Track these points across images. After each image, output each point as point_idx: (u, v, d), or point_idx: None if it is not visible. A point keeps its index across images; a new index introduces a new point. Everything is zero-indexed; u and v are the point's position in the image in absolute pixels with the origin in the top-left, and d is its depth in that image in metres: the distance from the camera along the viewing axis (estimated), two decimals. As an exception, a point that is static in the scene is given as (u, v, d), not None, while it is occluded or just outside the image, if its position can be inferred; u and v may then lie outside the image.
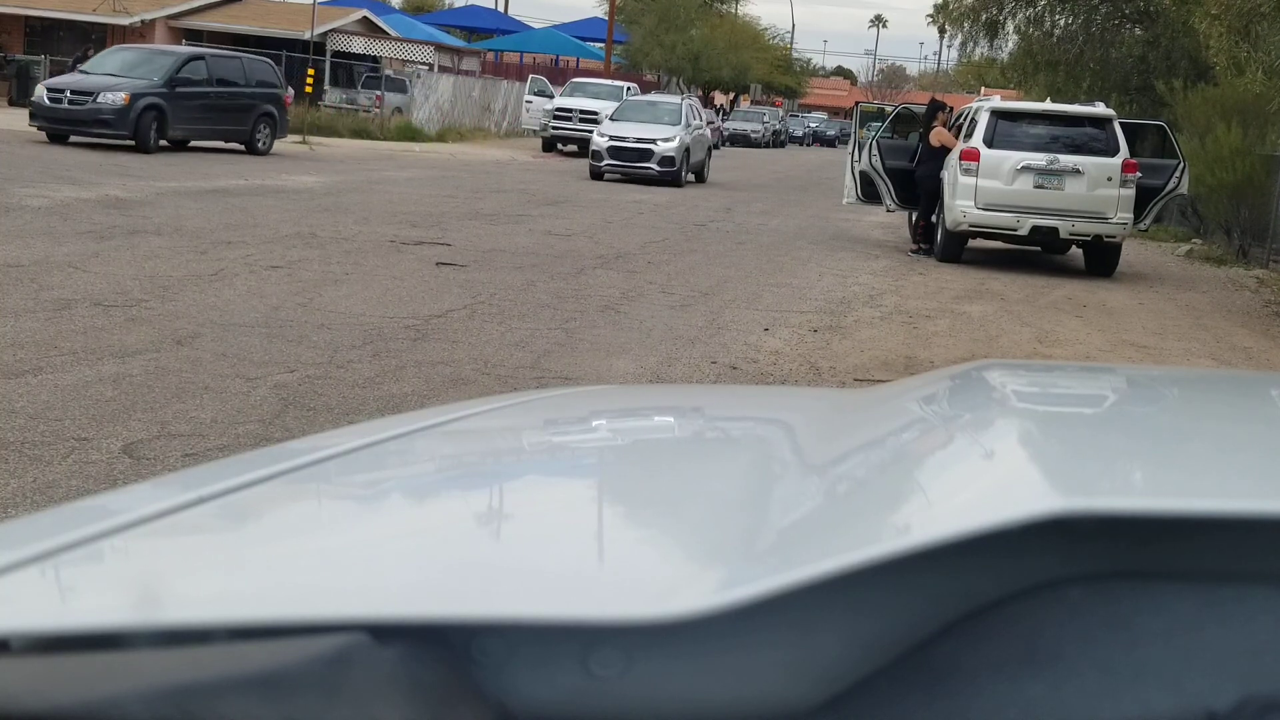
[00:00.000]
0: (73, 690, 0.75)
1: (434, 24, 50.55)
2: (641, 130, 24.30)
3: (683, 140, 24.40)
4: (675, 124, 24.80)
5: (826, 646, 0.84)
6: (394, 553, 1.05)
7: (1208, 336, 10.96)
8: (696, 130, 25.66)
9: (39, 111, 20.65)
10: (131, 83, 20.39)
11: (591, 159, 24.29)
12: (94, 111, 20.14)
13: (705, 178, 26.46)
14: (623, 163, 23.91)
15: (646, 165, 23.84)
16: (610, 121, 25.15)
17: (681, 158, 24.15)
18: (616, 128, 24.56)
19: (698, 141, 25.73)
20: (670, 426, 1.71)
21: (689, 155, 24.69)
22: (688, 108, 26.03)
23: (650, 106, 26.17)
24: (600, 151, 24.13)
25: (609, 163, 23.91)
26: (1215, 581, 0.89)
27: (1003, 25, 28.59)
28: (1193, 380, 2.13)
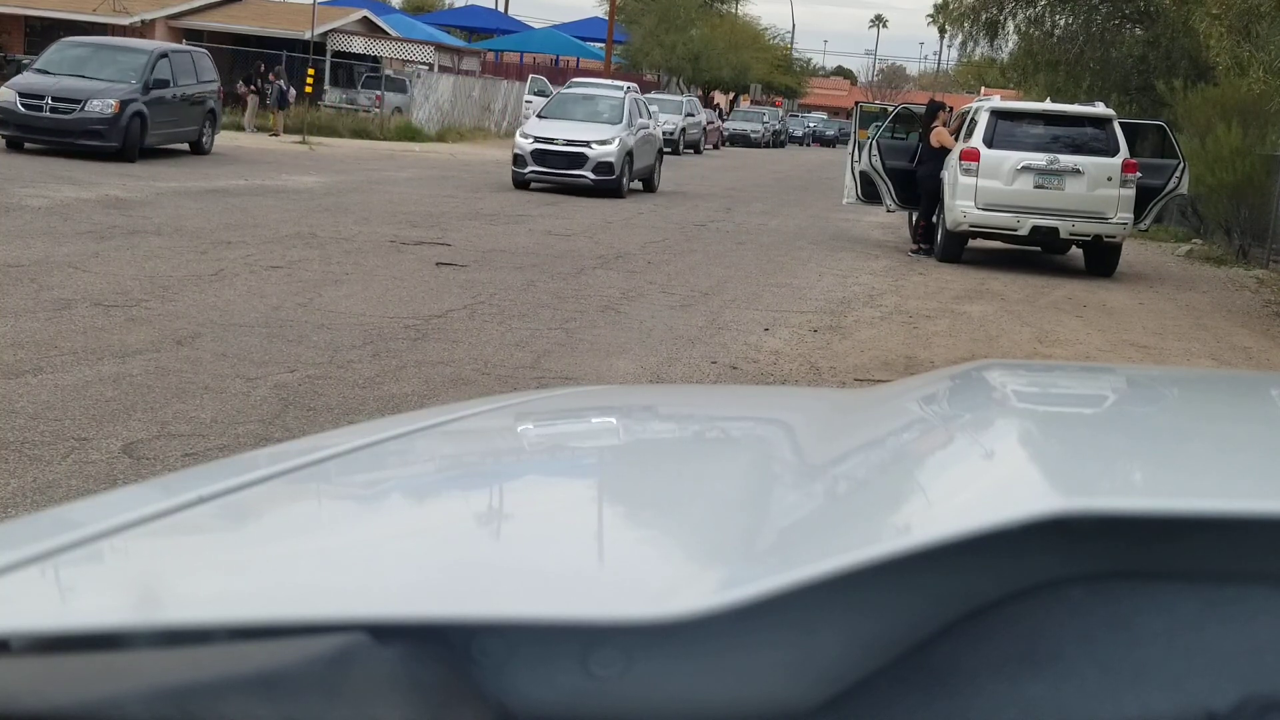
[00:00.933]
0: (73, 690, 0.75)
1: (434, 24, 50.54)
2: (574, 130, 20.29)
3: (624, 142, 20.41)
4: (616, 122, 20.80)
5: (826, 646, 0.84)
6: (394, 553, 1.05)
7: (1208, 336, 10.96)
8: (642, 130, 21.65)
9: (10, 119, 18.48)
10: (111, 86, 18.75)
11: (514, 165, 20.30)
12: (82, 121, 18.35)
13: (655, 185, 22.40)
14: (551, 170, 19.95)
15: (579, 173, 19.88)
16: (538, 120, 21.34)
17: (623, 163, 20.16)
18: (544, 127, 20.62)
19: (644, 143, 21.66)
20: (670, 426, 1.70)
21: (632, 160, 20.67)
22: (632, 102, 21.93)
23: (586, 101, 22.05)
24: (523, 156, 20.11)
25: (534, 170, 19.99)
26: (1215, 581, 0.89)
27: (1003, 25, 28.60)
28: (1193, 380, 2.13)
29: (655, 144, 22.60)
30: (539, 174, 20.06)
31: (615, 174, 20.03)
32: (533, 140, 20.26)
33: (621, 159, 20.19)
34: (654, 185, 22.34)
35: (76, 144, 18.27)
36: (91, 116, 18.35)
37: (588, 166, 19.94)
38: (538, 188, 20.14)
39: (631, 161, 20.71)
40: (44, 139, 18.54)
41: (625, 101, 21.67)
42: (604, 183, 19.93)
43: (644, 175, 21.86)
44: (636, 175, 21.30)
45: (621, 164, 20.17)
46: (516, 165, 20.25)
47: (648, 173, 22.04)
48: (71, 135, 18.32)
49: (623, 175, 20.22)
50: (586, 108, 21.63)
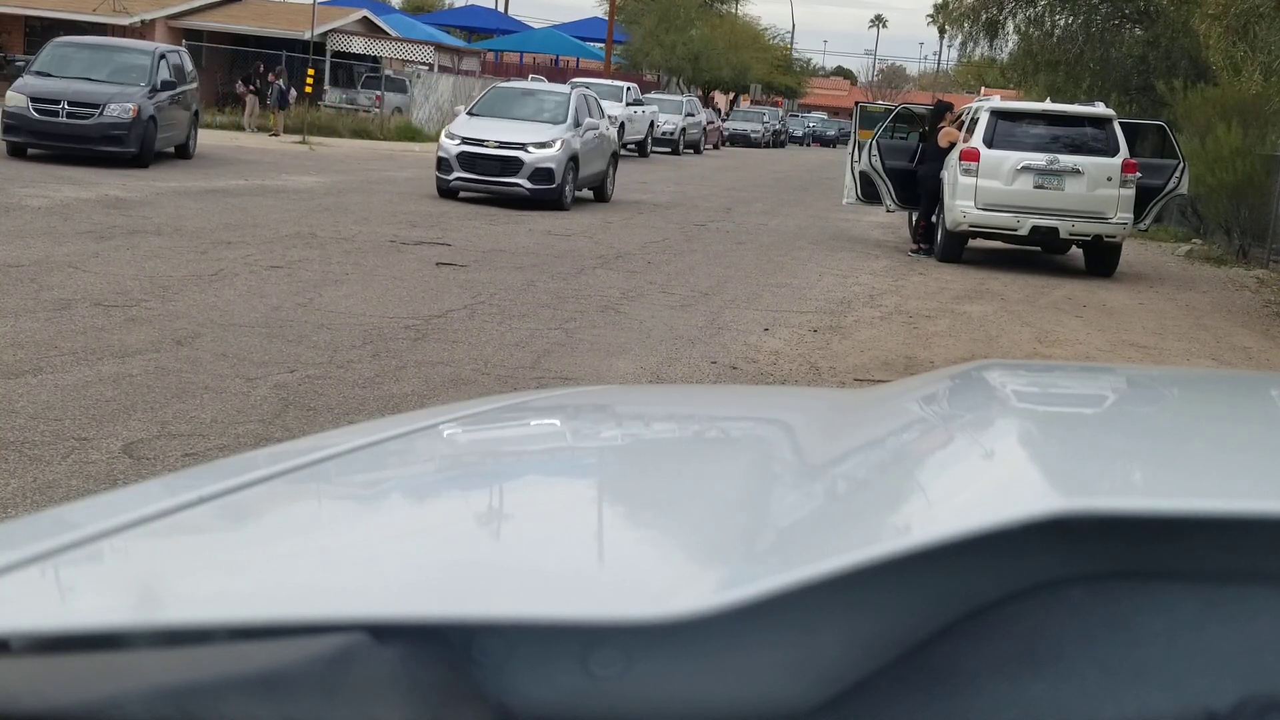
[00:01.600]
0: (73, 690, 0.75)
1: (434, 24, 50.54)
2: (509, 131, 17.45)
3: (568, 145, 17.53)
4: (558, 122, 17.97)
5: (826, 646, 0.84)
6: (394, 553, 1.05)
7: (1208, 336, 10.96)
8: (590, 131, 18.69)
9: (23, 125, 17.56)
10: (124, 89, 18.04)
11: (438, 170, 17.45)
12: (102, 126, 17.53)
13: (608, 195, 19.50)
14: (480, 177, 17.10)
15: (513, 180, 17.01)
16: (468, 117, 18.31)
17: (565, 169, 17.35)
18: (474, 126, 17.69)
19: (593, 146, 18.74)
20: (670, 426, 1.70)
21: (577, 165, 17.82)
22: (579, 99, 18.92)
23: (526, 98, 18.99)
24: (448, 160, 17.20)
25: (460, 177, 17.12)
26: (1215, 581, 0.89)
27: (1003, 25, 28.61)
28: (1193, 380, 2.13)
29: (608, 147, 19.72)
30: (466, 181, 17.19)
31: (556, 182, 17.16)
32: (459, 142, 17.28)
33: (564, 164, 17.33)
34: (606, 194, 19.49)
35: (96, 150, 17.53)
36: (110, 121, 17.62)
37: (523, 173, 17.04)
38: (468, 198, 17.31)
39: (576, 167, 17.82)
40: (61, 145, 17.59)
41: (571, 99, 18.67)
42: (542, 192, 17.05)
43: (593, 183, 19.02)
44: (584, 183, 18.48)
45: (564, 170, 17.33)
46: (440, 171, 17.41)
47: (598, 180, 19.16)
48: (91, 141, 17.56)
49: (565, 183, 17.39)
50: (525, 105, 18.62)
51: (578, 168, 17.90)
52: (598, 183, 19.29)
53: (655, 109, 35.30)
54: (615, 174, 20.18)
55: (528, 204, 17.04)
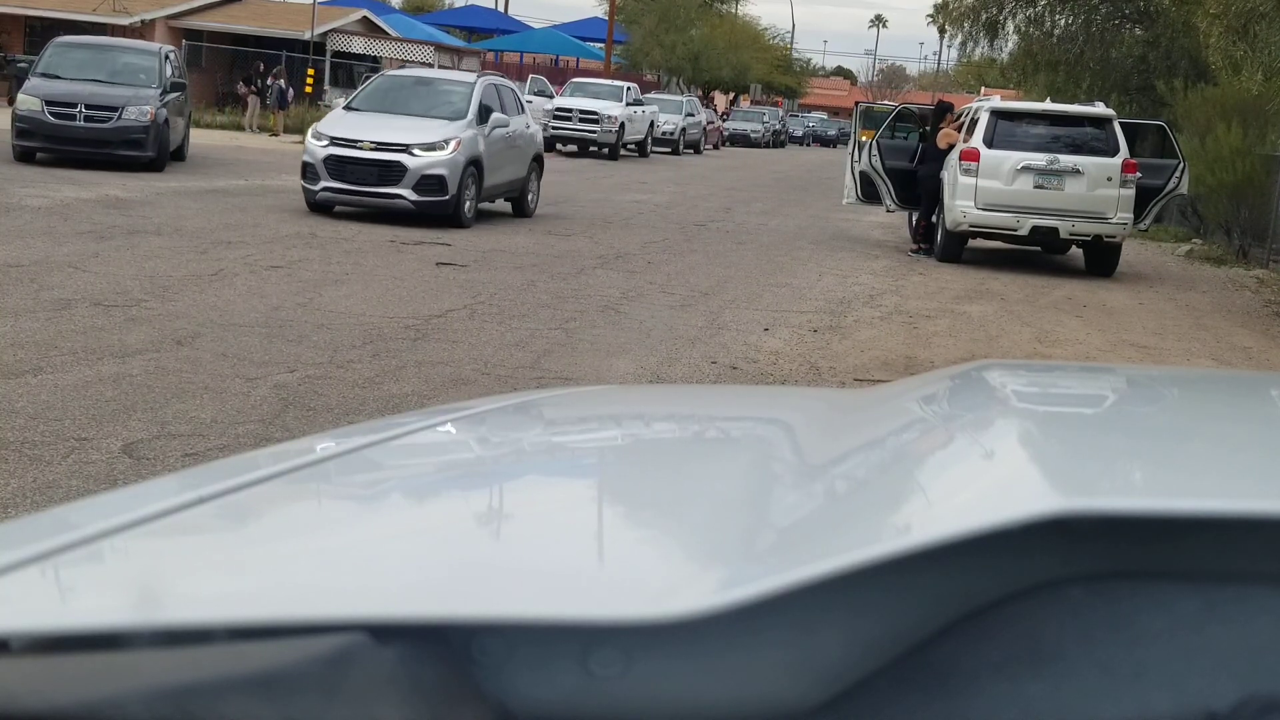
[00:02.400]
0: (73, 690, 0.75)
1: (434, 24, 50.55)
2: (390, 129, 14.29)
3: (467, 147, 14.34)
4: (456, 118, 14.64)
5: (827, 646, 0.84)
6: (394, 553, 1.05)
7: (1208, 336, 10.96)
8: (499, 130, 15.26)
9: (38, 129, 16.95)
10: (139, 92, 17.54)
11: (303, 179, 14.25)
12: (121, 130, 17.04)
13: (529, 208, 16.32)
14: (351, 186, 13.94)
15: (393, 191, 13.87)
16: (344, 113, 15.24)
17: (462, 177, 14.12)
18: (349, 123, 14.55)
19: (504, 148, 15.46)
20: (670, 427, 1.70)
21: (480, 172, 14.61)
22: (488, 91, 15.51)
23: (419, 88, 15.67)
24: (314, 167, 14.01)
25: (329, 187, 13.95)
26: (1215, 581, 0.89)
27: (1003, 25, 28.62)
28: (1193, 380, 2.13)
29: (528, 149, 16.41)
30: (335, 193, 13.98)
31: (449, 192, 13.94)
32: (327, 143, 14.04)
33: (460, 171, 14.10)
34: (527, 207, 16.29)
35: (115, 154, 17.05)
36: (129, 124, 17.13)
37: (406, 182, 13.86)
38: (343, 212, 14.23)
39: (480, 174, 14.62)
40: (78, 150, 17.03)
41: (475, 90, 15.16)
42: (432, 205, 13.89)
43: (508, 193, 15.89)
44: (493, 193, 15.36)
45: (461, 178, 14.11)
46: (306, 179, 14.15)
47: (514, 189, 15.96)
48: (110, 145, 17.07)
49: (462, 194, 14.16)
50: (419, 98, 15.32)
51: (481, 175, 14.64)
52: (514, 193, 16.01)
53: (655, 109, 35.28)
54: (540, 181, 16.94)
55: (413, 220, 13.85)
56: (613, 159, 30.72)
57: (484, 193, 14.93)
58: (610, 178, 24.82)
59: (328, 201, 14.17)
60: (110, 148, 17.13)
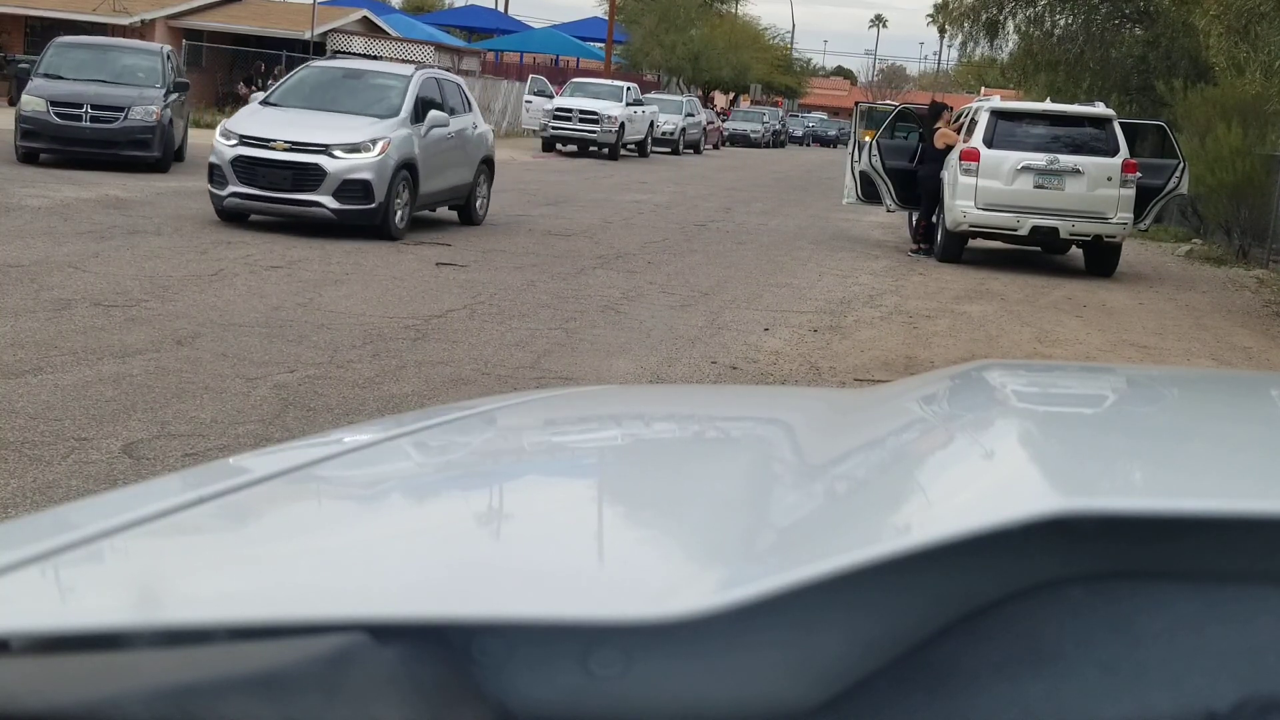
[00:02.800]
0: (73, 690, 0.75)
1: (434, 24, 50.55)
2: (309, 128, 12.70)
3: (399, 148, 12.81)
4: (388, 115, 13.12)
5: (827, 646, 0.84)
6: (394, 553, 1.05)
7: (1208, 336, 10.96)
8: (438, 129, 13.63)
9: (43, 130, 16.76)
10: (144, 92, 17.35)
11: (210, 184, 12.68)
12: (128, 131, 16.90)
13: (477, 215, 14.72)
14: (263, 192, 12.36)
15: (311, 198, 12.32)
16: (259, 109, 13.57)
17: (392, 182, 12.59)
18: (263, 120, 12.96)
19: (445, 150, 13.88)
20: (670, 427, 1.70)
21: (415, 177, 13.08)
22: (424, 85, 13.90)
23: (348, 82, 13.97)
24: (221, 169, 12.48)
25: (237, 192, 12.42)
26: (1215, 581, 0.89)
27: (1003, 25, 28.62)
28: (1193, 380, 2.13)
29: (474, 150, 14.69)
30: (244, 199, 12.42)
31: (375, 200, 12.39)
32: (236, 142, 12.51)
33: (390, 175, 12.56)
34: (474, 215, 14.67)
35: (121, 155, 16.95)
36: (136, 125, 16.99)
37: (326, 187, 12.29)
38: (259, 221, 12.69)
39: (414, 179, 13.07)
40: (84, 151, 16.84)
41: (411, 84, 13.60)
42: (356, 215, 12.38)
43: (452, 199, 14.34)
44: (432, 200, 13.83)
45: (391, 183, 12.57)
46: (213, 184, 12.61)
47: (459, 195, 14.39)
48: (117, 146, 16.96)
49: (391, 201, 12.62)
50: (348, 92, 13.64)
51: (416, 179, 13.11)
52: (459, 199, 14.47)
53: (655, 109, 35.29)
54: (490, 186, 15.29)
55: (336, 231, 12.36)
56: (613, 159, 30.72)
57: (420, 200, 13.35)
58: (610, 178, 24.82)
59: (237, 209, 12.56)
60: (116, 148, 17.03)
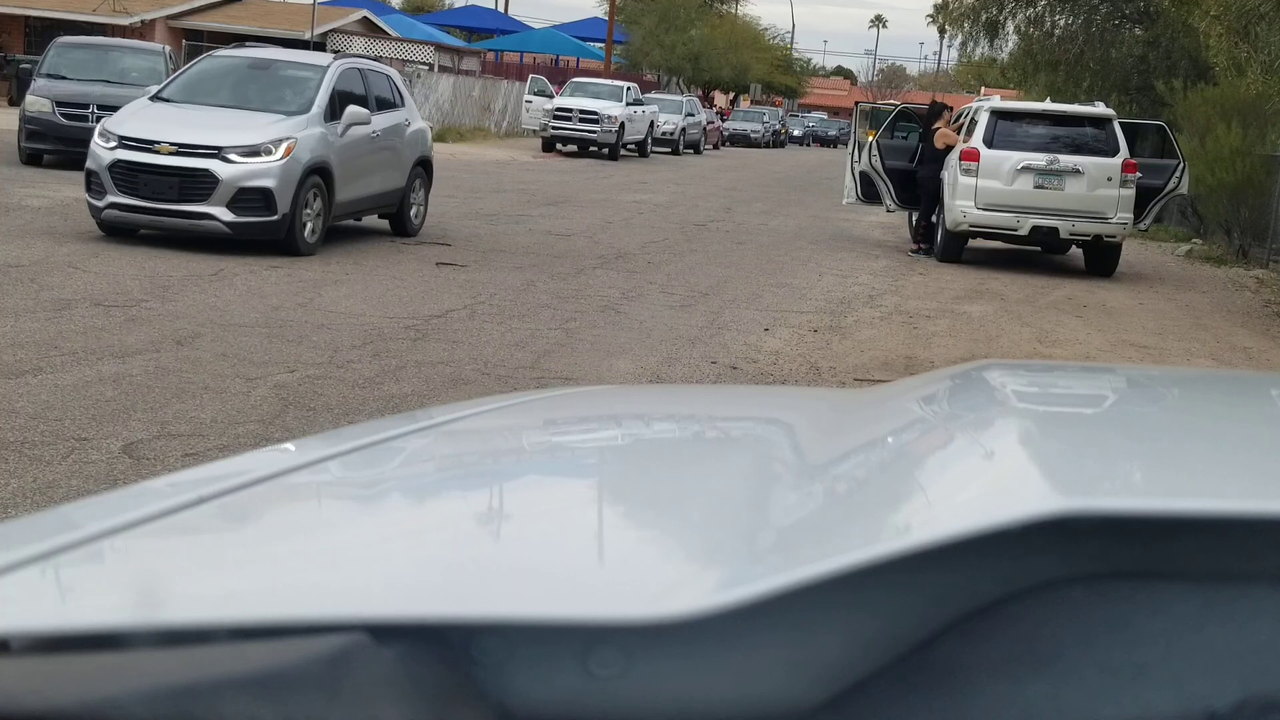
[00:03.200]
0: (73, 690, 0.75)
1: (434, 24, 50.55)
2: (200, 127, 11.03)
3: (309, 149, 11.17)
4: (298, 111, 11.46)
5: (827, 646, 0.84)
6: (394, 553, 1.05)
7: (1208, 336, 10.96)
8: (359, 127, 11.96)
9: (49, 132, 16.33)
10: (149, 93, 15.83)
11: (88, 192, 11.01)
12: None
13: (411, 226, 13.09)
14: (145, 203, 10.70)
15: (201, 210, 10.62)
16: (148, 105, 11.85)
17: (299, 190, 10.91)
18: (148, 120, 11.28)
19: (369, 151, 12.25)
20: (670, 427, 1.70)
21: (329, 182, 11.43)
22: (343, 76, 12.17)
23: (254, 73, 12.26)
24: (98, 175, 10.86)
25: (116, 203, 10.78)
26: (1215, 581, 0.89)
27: (1003, 25, 28.64)
28: (1193, 380, 2.13)
29: (407, 150, 13.05)
30: (125, 210, 10.77)
31: (278, 210, 10.70)
32: (115, 144, 10.85)
33: (297, 183, 10.88)
34: (408, 224, 13.05)
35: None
36: None
37: (218, 197, 10.62)
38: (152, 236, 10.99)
39: (328, 185, 11.41)
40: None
41: (327, 76, 11.88)
42: (255, 227, 10.71)
43: (381, 207, 12.73)
44: (354, 208, 12.16)
45: (298, 191, 10.89)
46: (90, 193, 10.96)
47: (388, 203, 12.77)
48: None
49: (298, 211, 10.93)
50: (252, 86, 12.02)
51: (331, 186, 11.43)
52: (389, 207, 12.83)
53: (655, 109, 35.29)
54: (428, 192, 13.63)
55: (232, 245, 10.76)
56: (613, 159, 30.72)
57: (338, 209, 11.70)
58: (610, 178, 24.82)
59: (118, 222, 10.83)
60: None
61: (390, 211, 12.98)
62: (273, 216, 10.79)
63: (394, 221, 13.11)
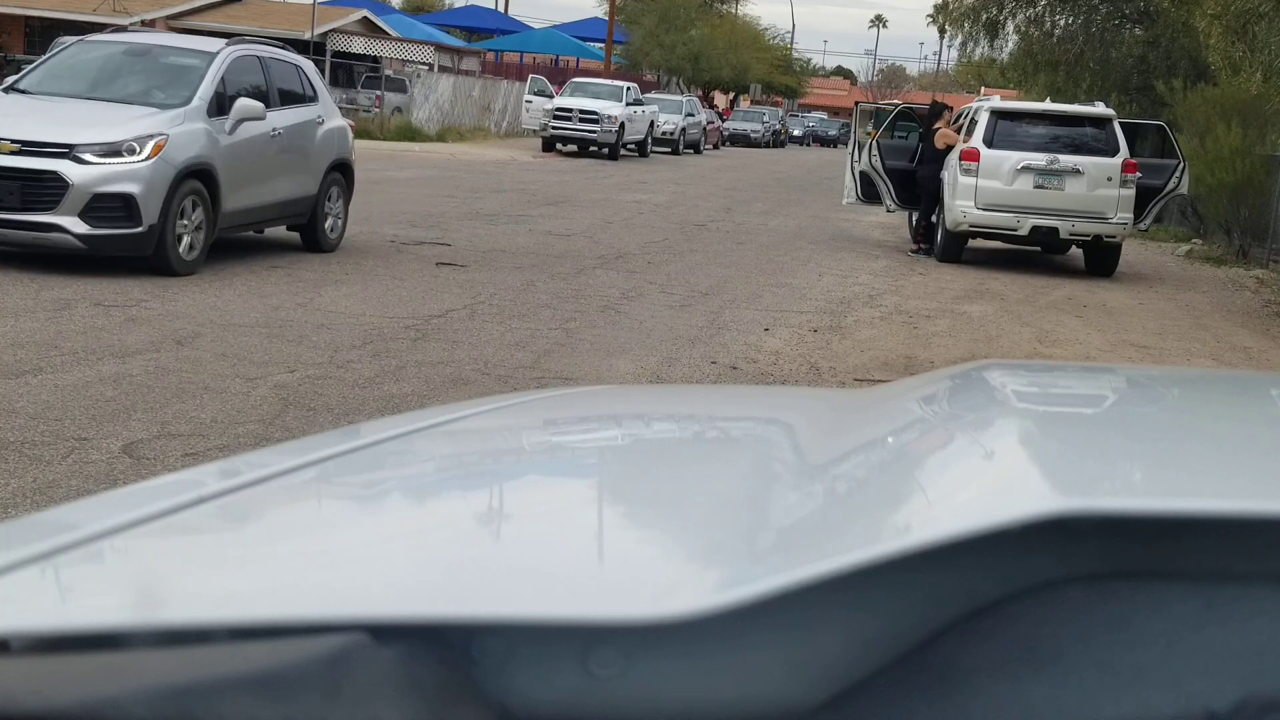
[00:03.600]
0: (73, 690, 0.75)
1: (434, 24, 50.54)
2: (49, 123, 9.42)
3: (188, 149, 9.56)
4: (176, 104, 9.86)
5: (827, 646, 0.84)
6: (394, 553, 1.05)
7: (1208, 336, 10.96)
8: (252, 122, 10.30)
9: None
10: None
11: None
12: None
13: (326, 239, 11.46)
14: None
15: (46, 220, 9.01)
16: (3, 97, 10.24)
17: (169, 197, 9.32)
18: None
19: (268, 152, 10.62)
20: (670, 427, 1.70)
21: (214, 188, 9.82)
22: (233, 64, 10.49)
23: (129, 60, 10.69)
24: None
25: None
26: (1215, 581, 0.89)
27: (1003, 25, 28.64)
28: (1193, 380, 2.13)
29: (319, 154, 11.41)
30: None
31: (142, 221, 9.13)
32: None
33: (167, 188, 9.29)
34: (322, 239, 11.40)
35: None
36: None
37: (69, 205, 9.02)
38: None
39: (212, 192, 9.73)
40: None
41: (214, 64, 10.22)
42: (115, 241, 9.16)
43: (286, 218, 11.13)
44: (248, 220, 10.53)
45: (169, 198, 9.29)
46: None
47: (296, 212, 11.12)
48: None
49: (169, 223, 9.31)
50: (127, 76, 10.40)
51: (215, 192, 9.75)
52: (298, 217, 11.18)
53: (655, 109, 35.30)
54: (347, 200, 12.00)
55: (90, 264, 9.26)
56: (613, 159, 30.73)
57: (225, 220, 9.99)
58: (610, 178, 24.82)
59: None
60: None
61: (300, 223, 11.30)
62: (136, 228, 9.12)
63: (305, 234, 11.38)
